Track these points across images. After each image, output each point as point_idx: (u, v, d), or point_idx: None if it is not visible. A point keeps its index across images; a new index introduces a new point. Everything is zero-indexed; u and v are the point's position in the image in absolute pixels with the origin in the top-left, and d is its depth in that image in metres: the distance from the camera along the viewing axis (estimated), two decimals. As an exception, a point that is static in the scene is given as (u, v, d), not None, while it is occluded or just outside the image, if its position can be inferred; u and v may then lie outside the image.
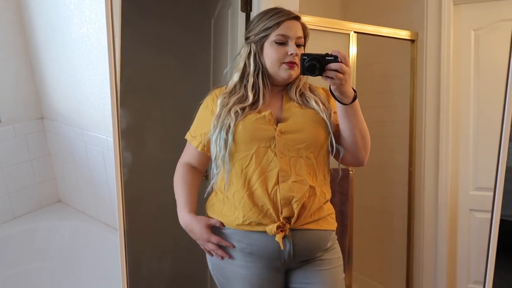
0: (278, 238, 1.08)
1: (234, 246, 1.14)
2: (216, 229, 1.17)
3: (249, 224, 1.11)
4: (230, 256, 1.16)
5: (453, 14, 2.15)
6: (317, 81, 1.17)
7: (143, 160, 2.30)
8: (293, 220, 1.10)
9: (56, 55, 1.61)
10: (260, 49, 1.18)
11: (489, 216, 2.14)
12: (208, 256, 1.22)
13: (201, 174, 1.28)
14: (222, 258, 1.16)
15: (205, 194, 1.23)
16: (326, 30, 2.05)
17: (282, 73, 1.17)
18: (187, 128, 1.27)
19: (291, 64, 1.15)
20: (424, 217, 2.29)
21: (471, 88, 2.15)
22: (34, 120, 1.66)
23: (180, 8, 2.45)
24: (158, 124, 2.47)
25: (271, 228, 1.09)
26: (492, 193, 2.11)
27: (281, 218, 1.10)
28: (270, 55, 1.16)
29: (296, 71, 1.17)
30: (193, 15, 2.49)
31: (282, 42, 1.15)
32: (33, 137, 1.66)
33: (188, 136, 1.26)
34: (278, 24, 1.15)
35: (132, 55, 1.82)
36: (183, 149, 1.29)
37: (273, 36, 1.15)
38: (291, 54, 1.15)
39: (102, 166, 1.52)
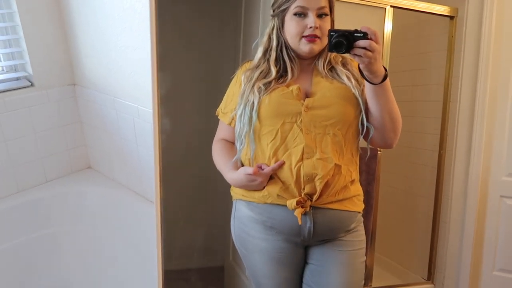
0: (297, 213, 1.07)
1: (261, 168, 1.09)
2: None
3: (270, 196, 1.11)
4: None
5: (497, -11, 2.03)
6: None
7: (180, 127, 2.30)
8: (315, 197, 1.08)
9: (89, 21, 1.60)
10: (282, 23, 1.14)
11: (521, 203, 2.09)
12: (232, 227, 1.23)
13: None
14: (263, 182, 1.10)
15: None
16: (361, 4, 1.97)
17: (302, 47, 1.11)
18: (217, 98, 1.26)
19: (311, 38, 1.10)
20: (452, 201, 2.24)
21: (512, 69, 2.06)
22: (66, 86, 1.68)
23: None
24: (193, 92, 2.47)
25: (291, 202, 1.08)
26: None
27: (302, 194, 1.08)
28: (290, 29, 1.12)
29: (319, 44, 1.11)
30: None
31: (301, 14, 1.10)
32: (65, 103, 1.68)
33: (219, 113, 1.25)
34: None
35: (165, 28, 1.80)
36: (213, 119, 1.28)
37: (292, 9, 1.10)
38: (310, 27, 1.09)
39: (133, 134, 1.53)
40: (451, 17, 2.18)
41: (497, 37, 2.06)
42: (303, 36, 1.10)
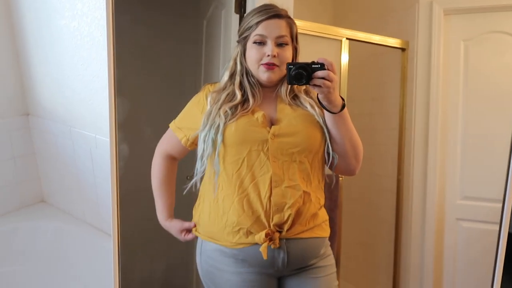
0: (263, 248, 1.05)
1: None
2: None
3: (239, 231, 1.08)
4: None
5: (443, 24, 2.18)
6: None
7: (137, 155, 2.23)
8: (286, 227, 1.07)
9: (44, 49, 1.56)
10: (244, 49, 1.16)
11: (476, 226, 2.17)
12: (198, 262, 1.19)
13: (177, 162, 1.28)
14: None
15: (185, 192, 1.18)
16: (318, 36, 2.05)
17: (261, 75, 1.13)
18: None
19: (269, 66, 1.11)
20: (411, 225, 2.29)
21: (460, 98, 2.18)
22: (19, 117, 1.60)
23: (172, 8, 2.42)
24: (148, 125, 2.42)
25: (260, 235, 1.06)
26: (480, 203, 2.14)
27: (271, 225, 1.07)
28: (250, 56, 1.14)
29: (277, 73, 1.13)
30: (185, 15, 2.47)
31: (260, 42, 1.12)
32: (17, 134, 1.60)
33: (172, 125, 1.23)
34: (257, 24, 1.11)
35: (125, 53, 1.78)
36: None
37: (252, 37, 1.13)
38: (268, 56, 1.11)
39: (90, 165, 1.47)
40: (403, 49, 2.31)
41: (445, 67, 2.19)
42: (261, 64, 1.12)
